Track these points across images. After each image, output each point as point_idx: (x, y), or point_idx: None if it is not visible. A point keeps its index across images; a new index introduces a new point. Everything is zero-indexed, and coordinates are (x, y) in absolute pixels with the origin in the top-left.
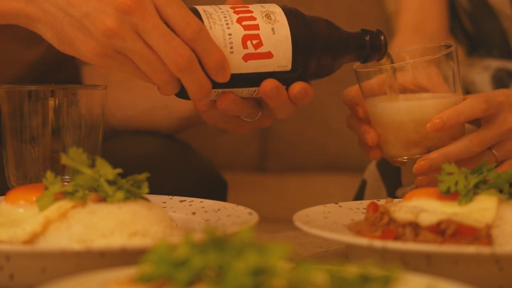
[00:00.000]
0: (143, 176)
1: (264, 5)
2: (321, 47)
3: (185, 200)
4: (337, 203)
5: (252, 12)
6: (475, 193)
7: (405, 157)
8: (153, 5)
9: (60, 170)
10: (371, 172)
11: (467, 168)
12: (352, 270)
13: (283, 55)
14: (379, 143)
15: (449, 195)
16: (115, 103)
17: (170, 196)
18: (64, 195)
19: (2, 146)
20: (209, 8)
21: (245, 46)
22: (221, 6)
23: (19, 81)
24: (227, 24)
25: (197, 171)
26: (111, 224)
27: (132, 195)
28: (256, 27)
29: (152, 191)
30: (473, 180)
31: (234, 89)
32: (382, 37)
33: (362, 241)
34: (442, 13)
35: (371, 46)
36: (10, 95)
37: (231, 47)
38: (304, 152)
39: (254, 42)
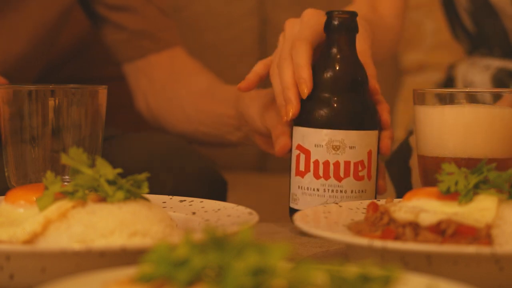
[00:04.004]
0: (143, 176)
1: (315, 142)
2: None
3: (185, 200)
4: (337, 203)
5: (330, 161)
6: (475, 193)
7: None
8: None
9: (60, 170)
10: None
11: None
12: (352, 270)
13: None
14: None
15: (449, 195)
16: (171, 115)
17: (170, 196)
18: (64, 195)
19: (2, 146)
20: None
21: (357, 176)
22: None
23: (26, 79)
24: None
25: (197, 171)
26: (111, 224)
27: (132, 195)
28: (348, 164)
29: (153, 191)
30: (473, 180)
31: None
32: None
33: (362, 241)
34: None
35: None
36: (10, 95)
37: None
38: None
39: (360, 168)
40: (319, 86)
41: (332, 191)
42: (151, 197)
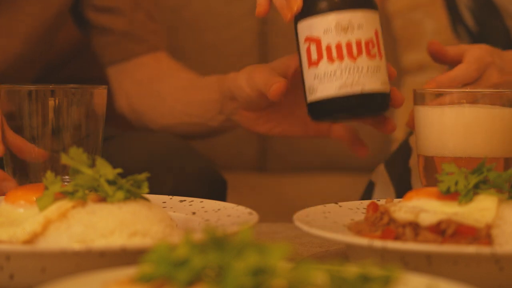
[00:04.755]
0: (143, 176)
1: (324, 28)
2: None
3: (185, 200)
4: (337, 203)
5: (342, 43)
6: (475, 193)
7: None
8: None
9: (60, 170)
10: (380, 174)
11: None
12: (352, 270)
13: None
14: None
15: (449, 195)
16: (154, 111)
17: (170, 196)
18: (64, 195)
19: None
20: None
21: (370, 54)
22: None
23: (25, 80)
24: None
25: (197, 171)
26: (111, 224)
27: (132, 195)
28: (359, 43)
29: (152, 191)
30: (473, 180)
31: None
32: None
33: (362, 241)
34: None
35: None
36: (10, 95)
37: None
38: (304, 152)
39: (371, 46)
40: None
41: (349, 71)
42: (151, 197)
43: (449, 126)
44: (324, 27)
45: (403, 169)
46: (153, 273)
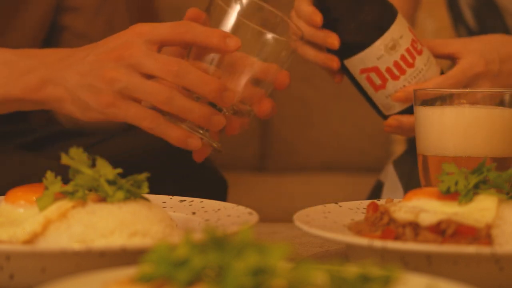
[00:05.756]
0: (143, 176)
1: (376, 56)
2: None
3: (185, 200)
4: (337, 203)
5: (397, 59)
6: (475, 193)
7: None
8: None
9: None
10: (388, 173)
11: None
12: (352, 270)
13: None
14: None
15: (449, 195)
16: None
17: (170, 196)
18: (64, 195)
19: None
20: None
21: (419, 51)
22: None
23: None
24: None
25: (197, 171)
26: (111, 224)
27: (132, 195)
28: (409, 51)
29: (153, 191)
30: (473, 180)
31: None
32: None
33: (362, 241)
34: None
35: None
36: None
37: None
38: (304, 152)
39: (416, 45)
40: (344, 14)
41: (414, 77)
42: (151, 197)
43: (449, 126)
44: (376, 56)
45: (412, 169)
46: (153, 273)
